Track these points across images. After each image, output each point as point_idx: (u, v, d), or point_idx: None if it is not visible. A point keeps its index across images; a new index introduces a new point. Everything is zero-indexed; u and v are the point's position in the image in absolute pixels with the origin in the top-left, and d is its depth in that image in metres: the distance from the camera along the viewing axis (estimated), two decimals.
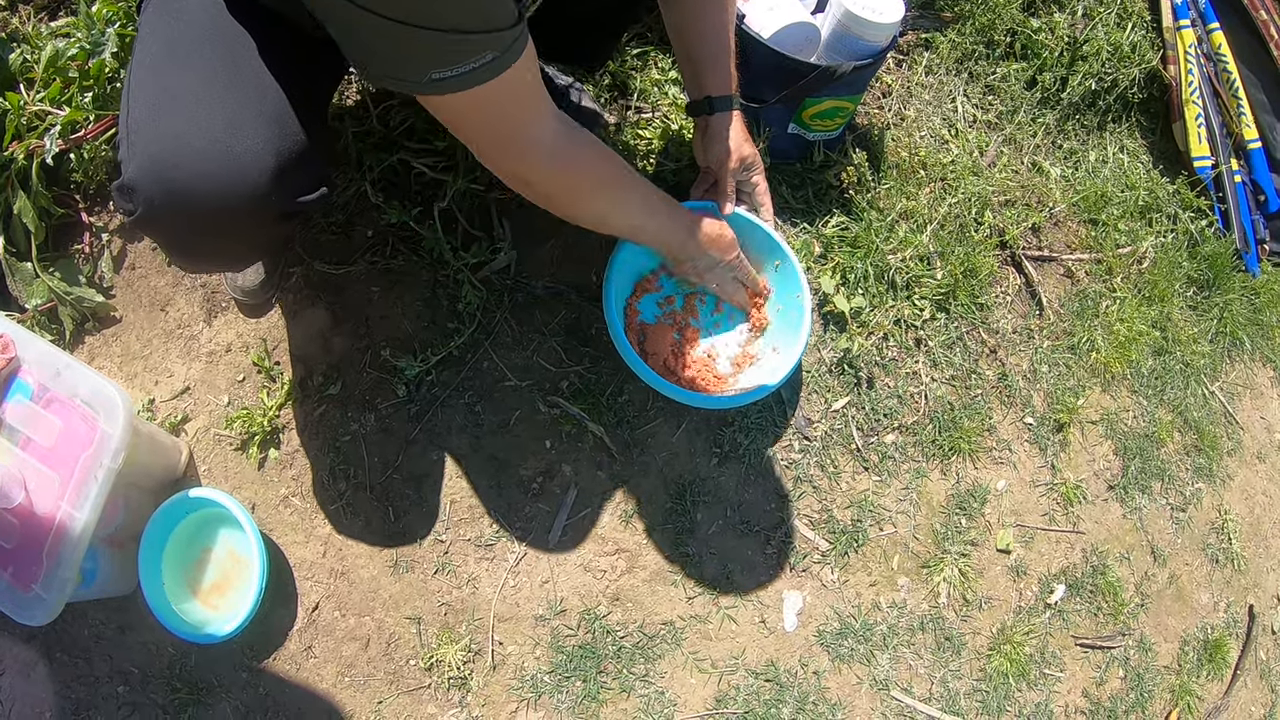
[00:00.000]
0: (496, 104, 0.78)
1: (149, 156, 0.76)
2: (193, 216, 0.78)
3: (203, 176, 0.76)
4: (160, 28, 0.85)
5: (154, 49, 0.84)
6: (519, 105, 0.81)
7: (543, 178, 0.91)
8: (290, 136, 0.81)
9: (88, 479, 0.95)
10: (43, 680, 1.15)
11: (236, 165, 0.77)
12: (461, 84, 0.72)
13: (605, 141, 1.37)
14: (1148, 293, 1.65)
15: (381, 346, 1.24)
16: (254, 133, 0.78)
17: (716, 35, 1.11)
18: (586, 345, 1.27)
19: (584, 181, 0.95)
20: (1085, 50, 1.67)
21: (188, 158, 0.76)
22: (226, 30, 0.83)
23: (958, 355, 1.44)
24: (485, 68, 0.71)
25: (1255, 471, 1.72)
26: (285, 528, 1.21)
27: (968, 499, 1.39)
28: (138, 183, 0.76)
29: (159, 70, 0.82)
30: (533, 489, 1.23)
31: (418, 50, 0.69)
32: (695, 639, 1.23)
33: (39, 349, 1.00)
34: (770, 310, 1.24)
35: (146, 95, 0.80)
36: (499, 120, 0.81)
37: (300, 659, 1.16)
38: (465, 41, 0.68)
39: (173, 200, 0.77)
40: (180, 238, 0.84)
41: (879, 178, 1.43)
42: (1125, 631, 1.46)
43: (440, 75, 0.71)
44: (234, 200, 0.77)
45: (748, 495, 1.29)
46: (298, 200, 0.83)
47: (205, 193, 0.76)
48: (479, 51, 0.70)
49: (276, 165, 0.79)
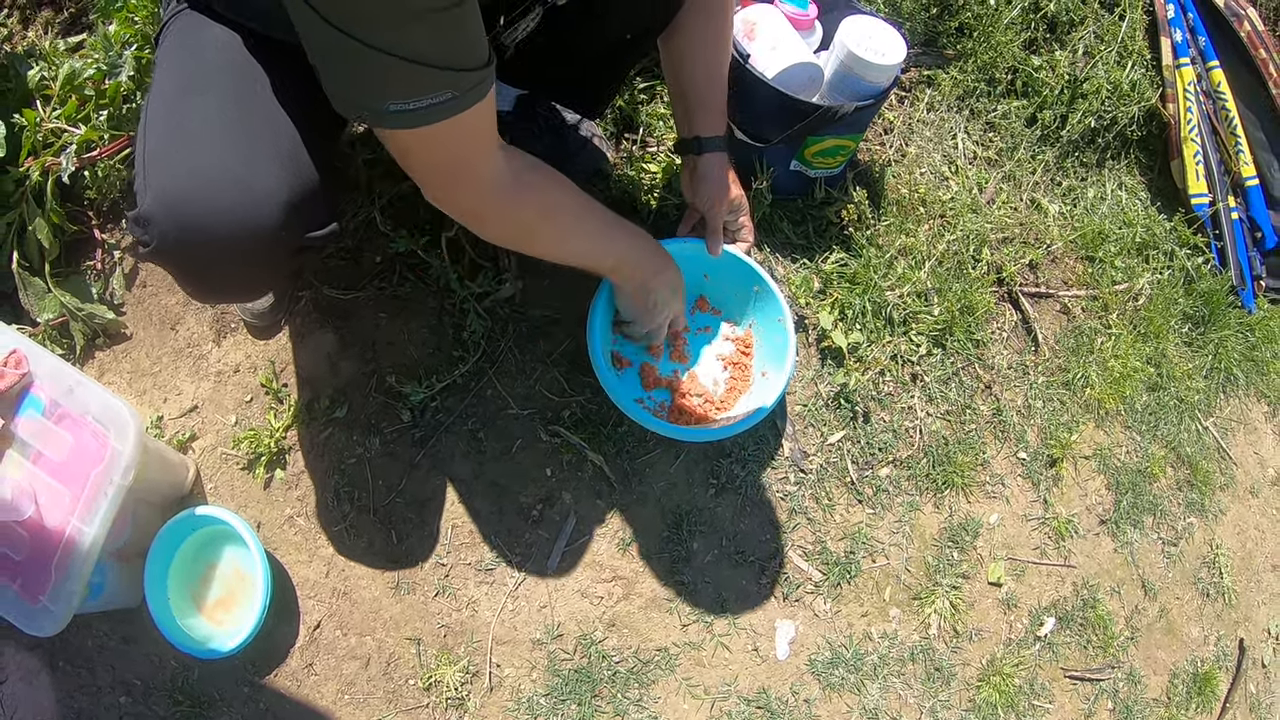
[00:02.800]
0: (447, 142, 0.78)
1: (165, 190, 0.78)
2: (207, 251, 0.79)
3: (218, 212, 0.77)
4: (178, 61, 0.86)
5: (172, 82, 0.85)
6: (467, 145, 0.81)
7: (491, 212, 0.91)
8: (303, 173, 0.83)
9: (98, 495, 0.97)
10: (45, 688, 1.16)
11: (251, 201, 0.78)
12: (417, 120, 0.73)
13: (609, 175, 1.39)
14: (1143, 329, 1.67)
15: (387, 372, 1.27)
16: (268, 169, 0.80)
17: (709, 76, 1.13)
18: (588, 375, 1.29)
19: (531, 213, 0.94)
20: (1085, 88, 1.69)
21: (204, 193, 0.77)
22: (242, 66, 0.85)
23: (953, 390, 1.46)
24: (443, 106, 0.72)
25: (1248, 506, 1.74)
26: (289, 547, 1.23)
27: (960, 532, 1.41)
28: (153, 215, 0.78)
29: (176, 103, 0.83)
30: (533, 515, 1.25)
31: (378, 78, 0.69)
32: (689, 665, 1.25)
33: (51, 365, 1.01)
34: (755, 333, 1.27)
35: (164, 128, 0.82)
36: (447, 158, 0.82)
37: (301, 676, 1.18)
38: (425, 74, 0.69)
39: (188, 234, 0.78)
40: (193, 270, 0.85)
41: (879, 214, 1.46)
42: (1115, 664, 1.48)
43: (397, 107, 0.71)
44: (247, 236, 0.79)
45: (743, 526, 1.31)
46: (308, 236, 0.85)
47: (220, 228, 0.78)
48: (438, 88, 0.70)
49: (289, 202, 0.80)
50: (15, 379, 0.99)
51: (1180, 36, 1.78)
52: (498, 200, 0.89)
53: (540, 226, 0.97)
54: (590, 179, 1.38)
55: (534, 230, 0.97)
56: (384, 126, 0.74)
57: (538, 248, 1.01)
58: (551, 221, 0.98)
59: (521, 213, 0.93)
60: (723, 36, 1.12)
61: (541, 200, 0.95)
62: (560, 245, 1.02)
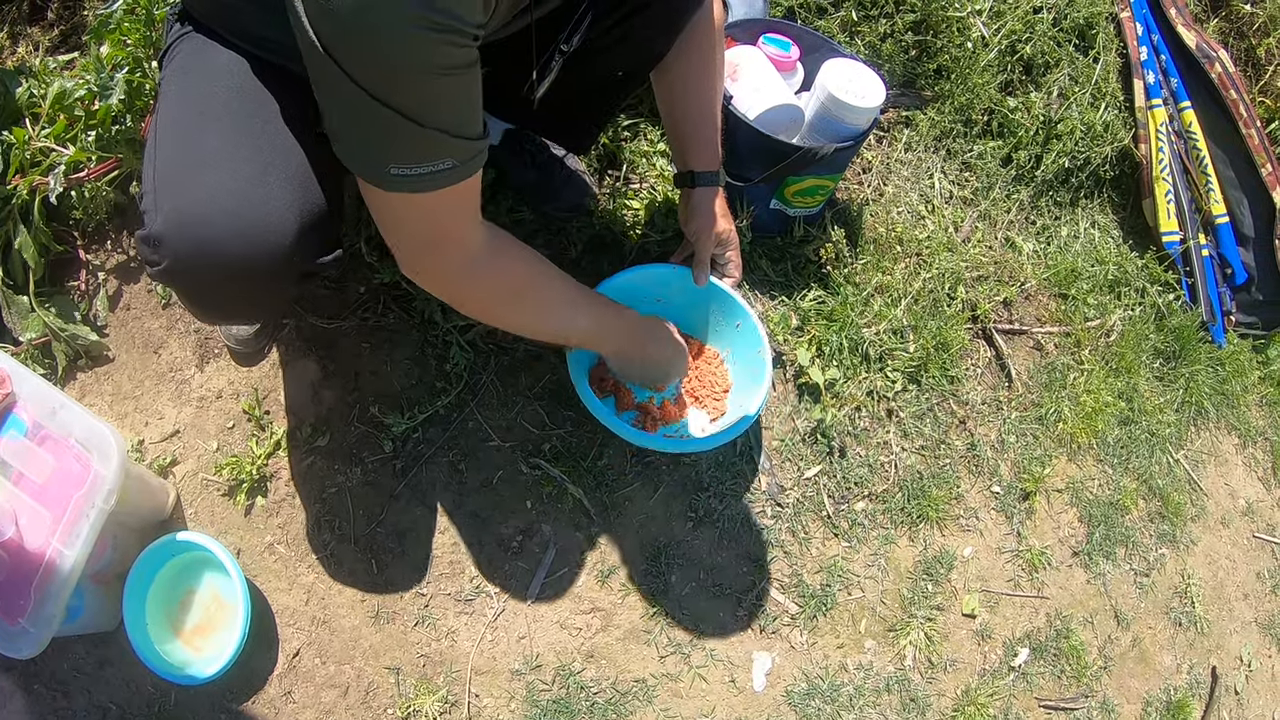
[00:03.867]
0: (438, 211, 0.79)
1: (177, 211, 0.78)
2: (217, 272, 0.80)
3: (230, 235, 0.78)
4: (187, 84, 0.87)
5: (181, 105, 0.86)
6: (456, 215, 0.82)
7: (468, 285, 0.90)
8: (311, 199, 0.84)
9: (79, 518, 0.96)
10: (19, 712, 1.15)
11: (263, 225, 0.79)
12: (417, 185, 0.73)
13: (593, 211, 1.42)
14: (1115, 364, 1.71)
15: (370, 402, 1.28)
16: (279, 194, 0.81)
17: (703, 113, 1.15)
18: (569, 409, 1.31)
19: (509, 287, 0.94)
20: (1060, 129, 1.74)
21: (216, 216, 0.78)
22: (251, 91, 0.86)
23: (928, 426, 1.49)
24: (444, 174, 0.73)
25: (1219, 536, 1.77)
26: (269, 574, 1.23)
27: (935, 565, 1.44)
28: (165, 236, 0.78)
29: (187, 126, 0.84)
30: (513, 547, 1.27)
31: (388, 138, 0.69)
32: (666, 696, 1.26)
33: (35, 386, 1.00)
34: (730, 367, 1.30)
35: (175, 150, 0.82)
36: (434, 227, 0.81)
37: (279, 703, 1.18)
38: (433, 139, 0.69)
39: (200, 256, 0.78)
40: (202, 291, 0.86)
41: (856, 253, 1.49)
42: (1089, 693, 1.50)
43: (399, 171, 0.71)
44: (259, 259, 0.80)
45: (720, 559, 1.33)
46: (317, 261, 0.86)
47: (232, 251, 0.78)
48: (442, 155, 0.71)
49: (299, 227, 0.81)
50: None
51: (1153, 78, 1.83)
52: (477, 273, 0.89)
53: (518, 300, 0.97)
54: (574, 214, 1.41)
55: (512, 303, 0.97)
56: (383, 188, 0.74)
57: (514, 320, 1.01)
58: (531, 295, 0.98)
59: (500, 286, 0.93)
60: (714, 74, 1.14)
61: (519, 273, 0.95)
62: (539, 319, 1.02)
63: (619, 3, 0.99)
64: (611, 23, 1.01)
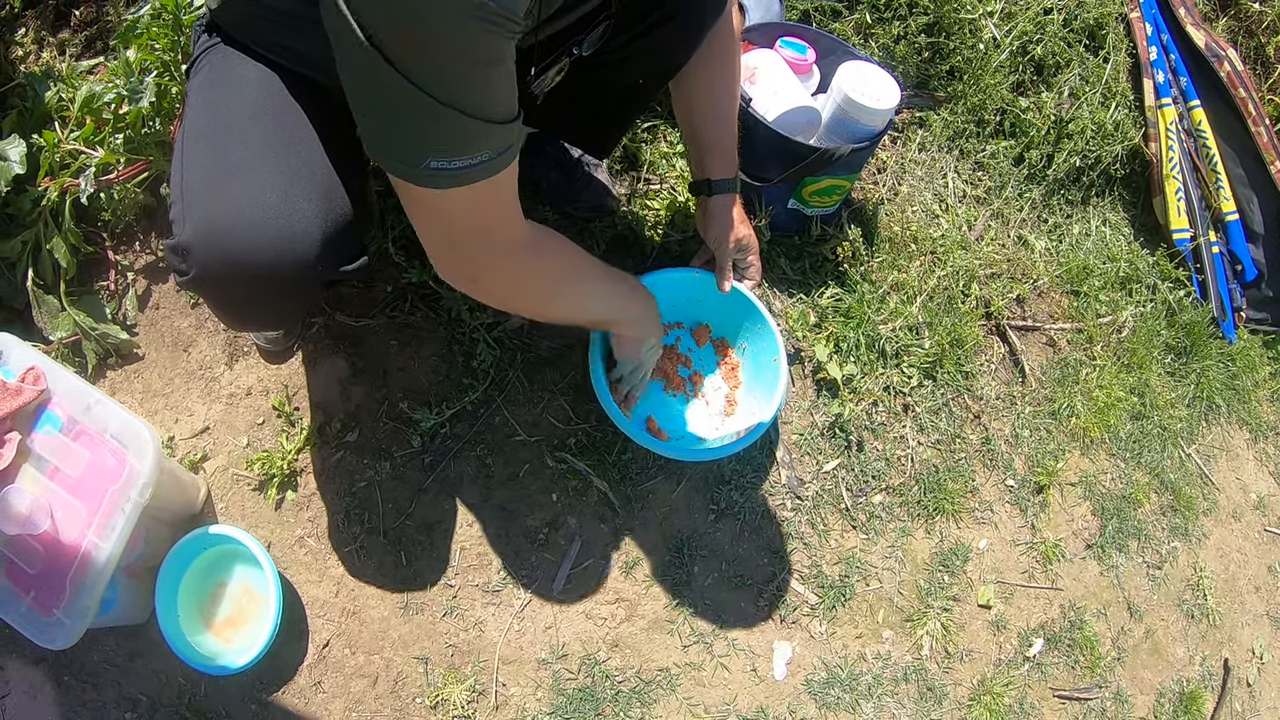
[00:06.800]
0: (477, 206, 0.77)
1: (206, 221, 0.80)
2: (244, 282, 0.81)
3: (258, 245, 0.79)
4: (215, 96, 0.89)
5: (209, 116, 0.88)
6: (495, 209, 0.81)
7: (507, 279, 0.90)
8: (337, 208, 0.85)
9: (114, 511, 0.98)
10: (49, 704, 1.16)
11: (290, 235, 0.80)
12: (456, 180, 0.72)
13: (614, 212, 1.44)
14: (1127, 360, 1.73)
15: (398, 398, 1.30)
16: (306, 205, 0.82)
17: (720, 121, 1.17)
18: (593, 404, 1.33)
19: (550, 277, 0.95)
20: (1071, 128, 1.76)
21: (244, 226, 0.79)
22: (279, 102, 0.87)
23: (943, 420, 1.51)
24: (480, 167, 0.72)
25: (1230, 530, 1.78)
26: (299, 567, 1.25)
27: (951, 557, 1.46)
28: (193, 246, 0.79)
29: (215, 138, 0.85)
30: (539, 539, 1.29)
31: (433, 131, 0.68)
32: (689, 685, 1.28)
33: (69, 382, 1.02)
34: (743, 373, 1.32)
35: (203, 161, 0.84)
36: (475, 223, 0.80)
37: (309, 693, 1.20)
38: (474, 128, 0.68)
39: (228, 266, 0.80)
40: (230, 299, 0.87)
41: (872, 251, 1.51)
42: (1102, 684, 1.51)
43: (439, 165, 0.70)
44: (285, 268, 0.81)
45: (742, 550, 1.35)
46: (342, 270, 0.87)
47: (259, 261, 0.79)
48: (480, 147, 0.70)
49: (324, 236, 0.82)
50: (33, 395, 1.00)
51: (1162, 77, 1.85)
52: (520, 265, 0.88)
53: (559, 290, 0.99)
54: (596, 214, 1.43)
55: (552, 294, 0.98)
56: (417, 184, 0.73)
57: (554, 311, 1.04)
58: (571, 285, 1.00)
59: (541, 278, 0.94)
60: (732, 83, 1.16)
61: (559, 264, 0.96)
62: (578, 308, 1.04)
63: (641, 15, 1.00)
64: (634, 34, 1.02)
